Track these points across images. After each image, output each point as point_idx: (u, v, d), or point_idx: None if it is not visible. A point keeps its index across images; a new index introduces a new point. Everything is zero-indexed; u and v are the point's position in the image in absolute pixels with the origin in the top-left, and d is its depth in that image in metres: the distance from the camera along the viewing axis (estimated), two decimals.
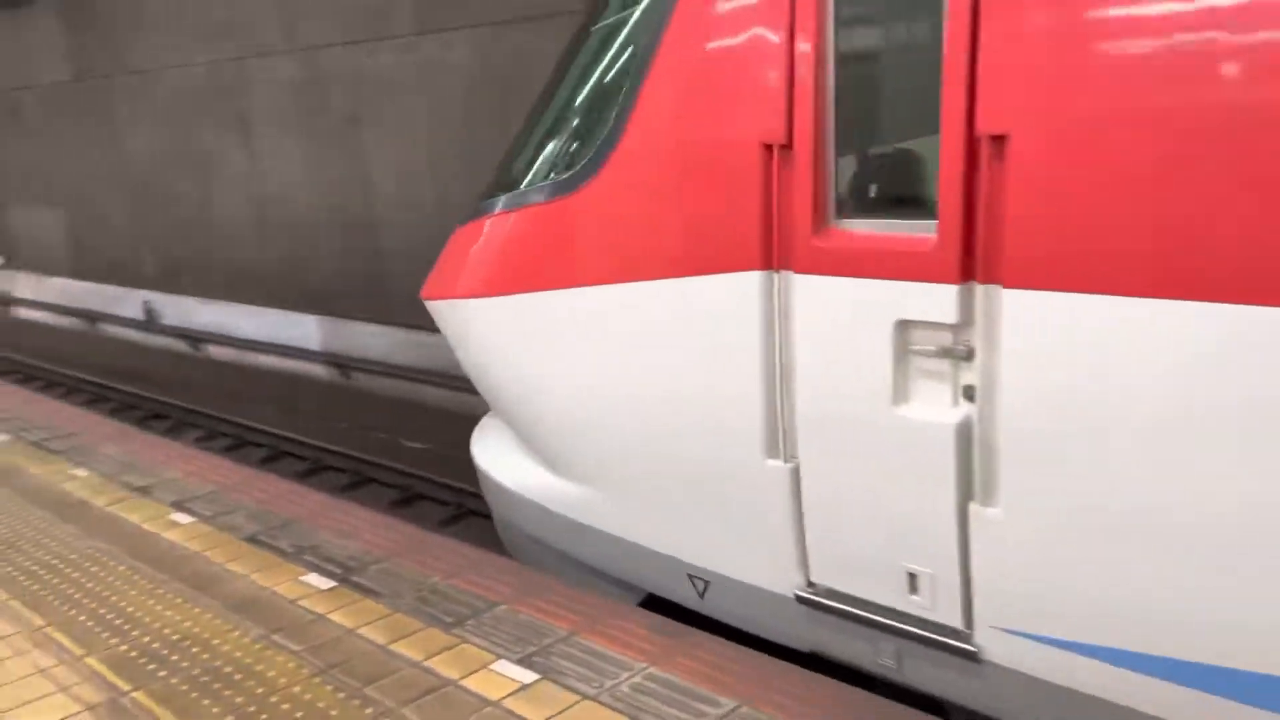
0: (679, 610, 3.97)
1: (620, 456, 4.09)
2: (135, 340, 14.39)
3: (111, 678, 3.29)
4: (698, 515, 3.83)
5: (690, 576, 3.94)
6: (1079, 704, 2.93)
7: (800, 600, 3.53)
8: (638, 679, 3.15)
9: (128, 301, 14.94)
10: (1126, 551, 2.71)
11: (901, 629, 3.28)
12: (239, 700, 3.13)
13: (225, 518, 4.66)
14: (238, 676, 3.27)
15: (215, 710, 3.07)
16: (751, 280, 3.39)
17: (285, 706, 3.08)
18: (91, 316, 15.58)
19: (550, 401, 4.35)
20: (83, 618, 3.72)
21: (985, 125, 2.76)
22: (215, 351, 12.98)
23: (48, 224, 16.93)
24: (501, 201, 4.47)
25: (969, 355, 2.95)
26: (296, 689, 3.17)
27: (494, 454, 4.98)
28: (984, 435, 2.95)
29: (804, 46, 3.15)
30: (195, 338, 13.30)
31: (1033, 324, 2.75)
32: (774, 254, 3.33)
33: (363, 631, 3.53)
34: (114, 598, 3.87)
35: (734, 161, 3.37)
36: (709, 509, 3.78)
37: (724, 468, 3.65)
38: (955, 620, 3.15)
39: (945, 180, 2.86)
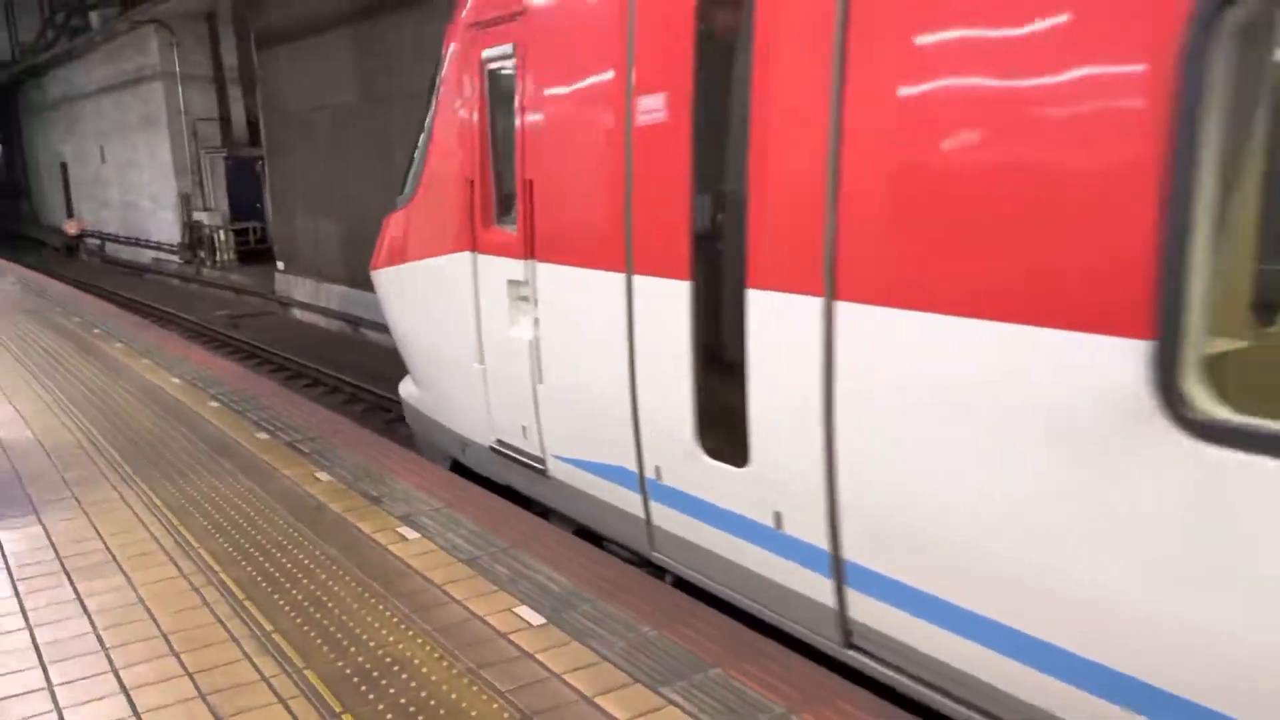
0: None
1: (429, 368, 6.81)
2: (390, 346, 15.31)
3: (327, 696, 3.31)
4: (458, 403, 6.34)
5: (460, 442, 6.43)
6: (588, 500, 5.10)
7: (493, 450, 5.95)
8: None
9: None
10: (601, 405, 4.76)
11: (524, 460, 5.59)
12: None
13: (448, 535, 4.69)
14: (442, 711, 3.20)
15: None
16: (465, 257, 5.83)
17: None
18: (355, 321, 16.78)
19: (404, 335, 7.11)
20: (307, 627, 3.80)
21: (526, 175, 5.13)
22: None
23: (327, 233, 18.43)
24: (396, 204, 6.86)
25: (533, 300, 5.22)
26: None
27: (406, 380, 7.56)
28: (540, 345, 5.20)
29: (480, 125, 5.65)
30: None
31: (546, 282, 5.08)
32: (473, 242, 5.74)
33: (570, 678, 3.38)
34: (337, 610, 3.94)
35: (458, 188, 5.85)
36: (462, 398, 6.23)
37: (463, 371, 6.05)
38: (539, 451, 5.44)
39: (519, 205, 5.23)
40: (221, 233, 25.20)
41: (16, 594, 4.17)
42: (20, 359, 9.12)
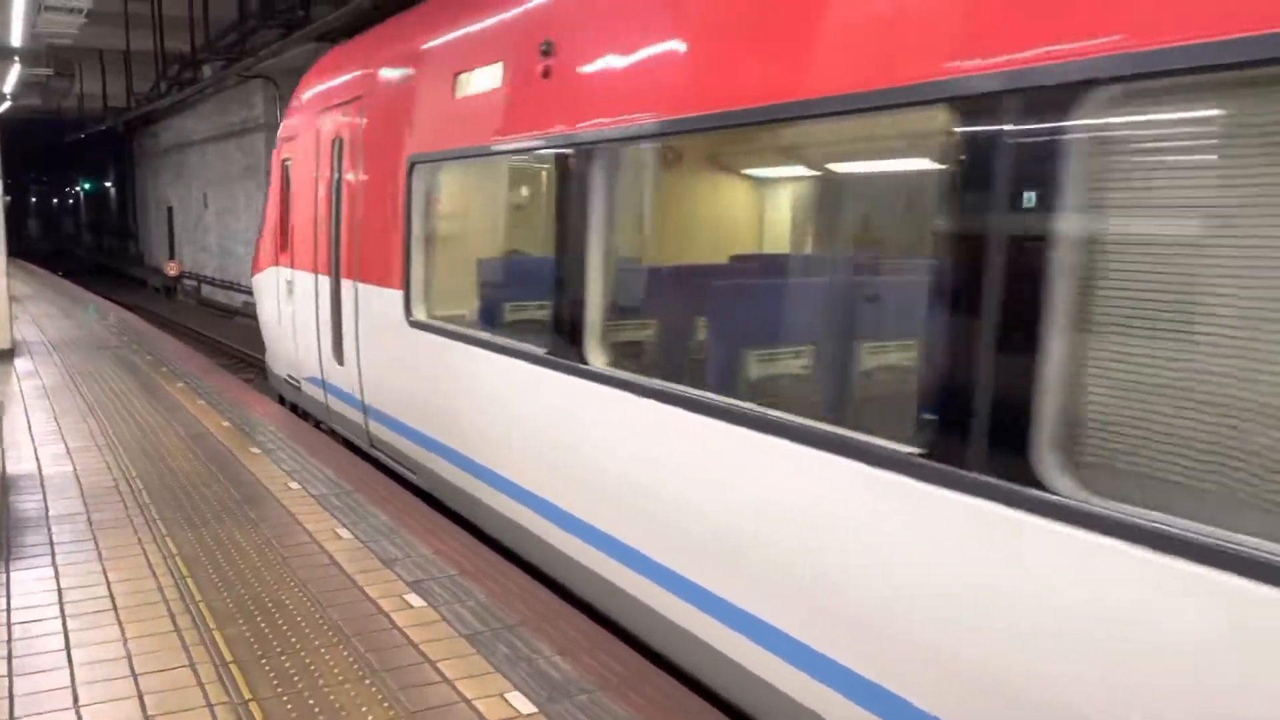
0: None
1: (264, 332, 10.70)
2: None
3: None
4: (273, 352, 10.29)
5: (275, 378, 10.36)
6: (310, 400, 8.96)
7: (285, 380, 9.80)
8: None
9: None
10: (309, 344, 8.80)
11: (293, 383, 9.39)
12: None
13: (455, 606, 4.46)
14: None
15: None
16: (274, 269, 9.89)
17: None
18: None
19: (265, 320, 10.67)
20: (286, 699, 3.59)
21: (289, 223, 9.30)
22: None
23: None
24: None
25: (291, 291, 9.28)
26: None
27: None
28: (294, 317, 9.09)
29: (278, 195, 9.98)
30: None
31: (292, 282, 9.19)
32: (275, 261, 9.84)
33: None
34: (322, 682, 3.72)
35: (270, 229, 10.14)
36: (274, 349, 10.17)
37: (272, 333, 10.15)
38: (296, 377, 9.27)
39: (289, 240, 9.42)
40: None
41: (9, 639, 4.06)
42: (84, 395, 9.28)
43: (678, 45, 4.08)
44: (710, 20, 3.94)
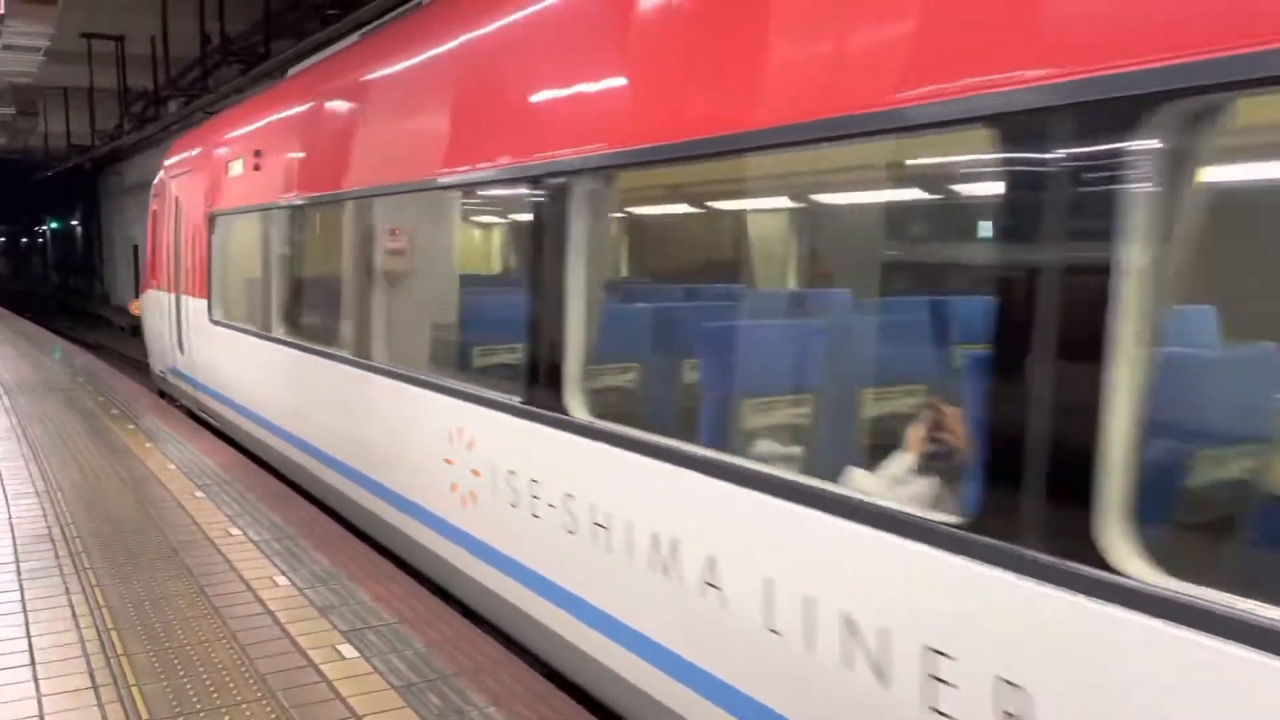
0: None
1: (155, 344, 13.58)
2: None
3: None
4: (163, 355, 12.77)
5: (162, 374, 13.09)
6: (176, 387, 12.17)
7: (160, 374, 13.29)
8: None
9: None
10: (169, 345, 12.26)
11: (161, 373, 13.21)
12: None
13: (390, 657, 4.31)
14: None
15: None
16: (152, 292, 13.68)
17: None
18: None
19: (146, 330, 14.50)
20: None
21: (154, 258, 13.64)
22: None
23: None
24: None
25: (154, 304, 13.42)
26: None
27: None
28: (160, 325, 12.92)
29: (151, 235, 14.08)
30: None
31: (157, 299, 13.01)
32: (148, 285, 14.11)
33: None
34: None
35: (148, 261, 14.36)
36: (165, 352, 12.54)
37: (166, 340, 12.36)
38: (165, 370, 12.85)
39: (154, 268, 13.71)
40: None
41: None
42: (29, 439, 9.05)
43: (302, 155, 7.78)
44: (327, 140, 7.32)
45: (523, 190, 4.47)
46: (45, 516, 6.44)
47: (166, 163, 12.84)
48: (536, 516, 4.32)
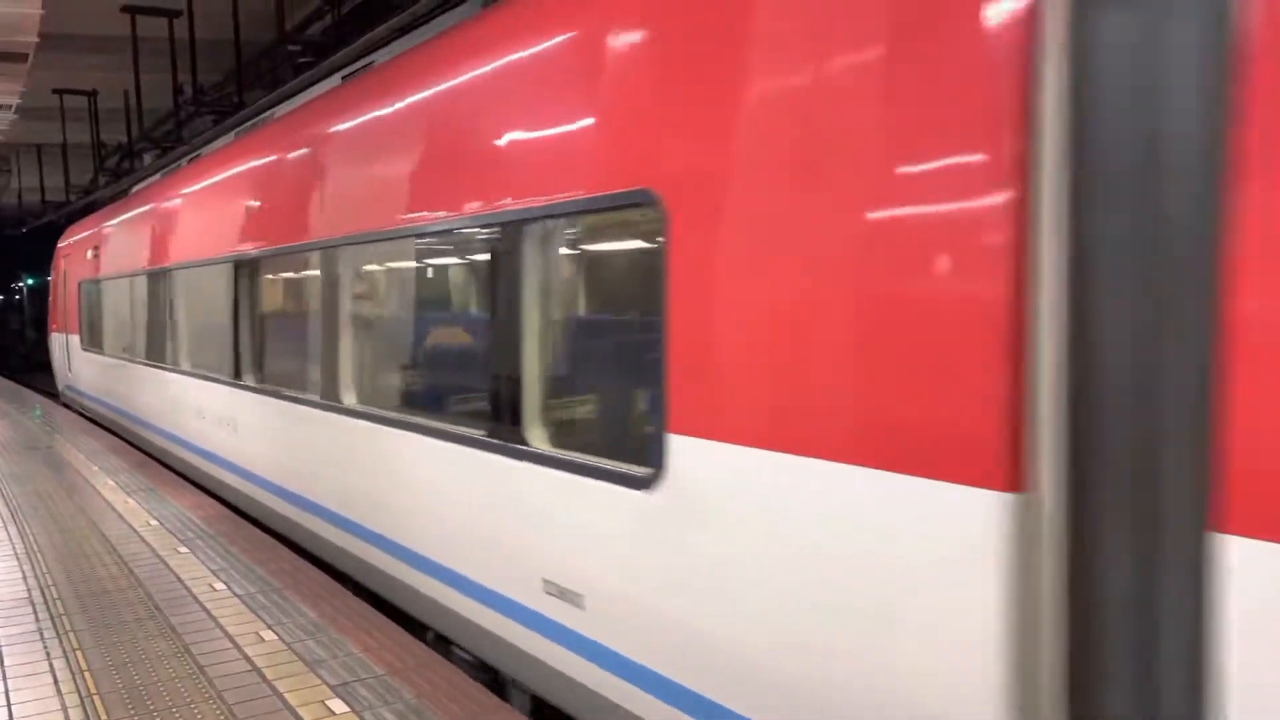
0: None
1: (59, 371, 20.23)
2: None
3: None
4: (66, 377, 19.32)
5: (63, 390, 19.76)
6: (90, 408, 17.01)
7: (63, 391, 19.96)
8: None
9: None
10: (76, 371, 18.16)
11: (69, 393, 19.38)
12: None
13: (380, 709, 4.23)
14: None
15: None
16: (58, 335, 19.94)
17: None
18: None
19: (53, 361, 21.29)
20: None
21: (58, 305, 20.40)
22: None
23: None
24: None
25: (65, 341, 19.11)
26: None
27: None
28: (64, 361, 19.82)
29: (54, 287, 20.60)
30: None
31: (56, 338, 20.54)
32: (53, 327, 20.81)
33: None
34: None
35: (54, 308, 20.67)
36: (66, 374, 19.14)
37: (67, 365, 19.01)
38: (72, 392, 18.72)
39: (59, 314, 19.84)
40: None
41: None
42: (7, 500, 8.91)
43: (113, 249, 14.03)
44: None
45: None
46: (25, 580, 6.33)
47: (59, 245, 19.52)
48: None
